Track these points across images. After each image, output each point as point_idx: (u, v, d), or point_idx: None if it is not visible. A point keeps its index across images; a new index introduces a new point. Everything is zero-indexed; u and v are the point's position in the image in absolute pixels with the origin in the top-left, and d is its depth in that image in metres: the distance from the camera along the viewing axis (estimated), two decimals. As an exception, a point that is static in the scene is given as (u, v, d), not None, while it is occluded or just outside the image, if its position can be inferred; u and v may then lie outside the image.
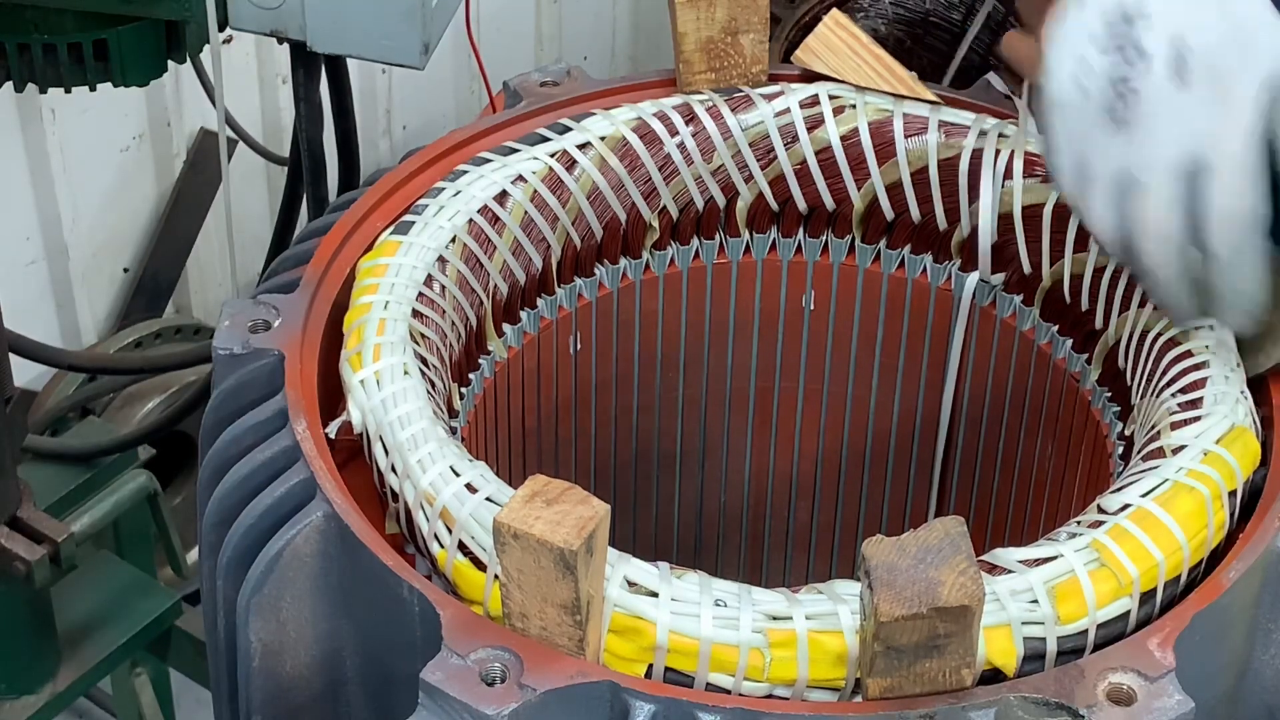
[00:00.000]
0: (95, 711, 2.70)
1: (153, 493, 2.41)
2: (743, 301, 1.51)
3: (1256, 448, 1.19)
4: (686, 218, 1.45)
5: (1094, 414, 1.37)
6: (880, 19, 2.46)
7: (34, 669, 2.20)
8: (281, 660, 1.17)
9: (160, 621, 2.31)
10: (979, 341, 1.47)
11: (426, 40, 1.65)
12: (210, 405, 1.25)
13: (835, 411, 1.58)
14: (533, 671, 1.03)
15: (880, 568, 0.99)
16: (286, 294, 1.28)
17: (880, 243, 1.47)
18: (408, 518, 1.16)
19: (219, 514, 1.19)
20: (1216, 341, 1.25)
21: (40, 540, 2.02)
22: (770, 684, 1.06)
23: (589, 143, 1.39)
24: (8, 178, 2.67)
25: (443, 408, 1.24)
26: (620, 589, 1.07)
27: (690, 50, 1.43)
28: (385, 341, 1.22)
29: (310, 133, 1.82)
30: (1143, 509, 1.12)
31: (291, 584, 1.15)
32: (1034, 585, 1.08)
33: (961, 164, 1.40)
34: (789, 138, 1.42)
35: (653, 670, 1.06)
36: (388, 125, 3.26)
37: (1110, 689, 1.04)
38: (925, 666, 1.01)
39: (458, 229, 1.32)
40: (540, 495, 1.03)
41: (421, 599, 1.08)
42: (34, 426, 2.59)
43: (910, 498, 1.60)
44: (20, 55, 1.81)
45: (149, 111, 2.85)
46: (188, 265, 3.00)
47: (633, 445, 1.58)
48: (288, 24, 1.67)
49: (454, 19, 1.73)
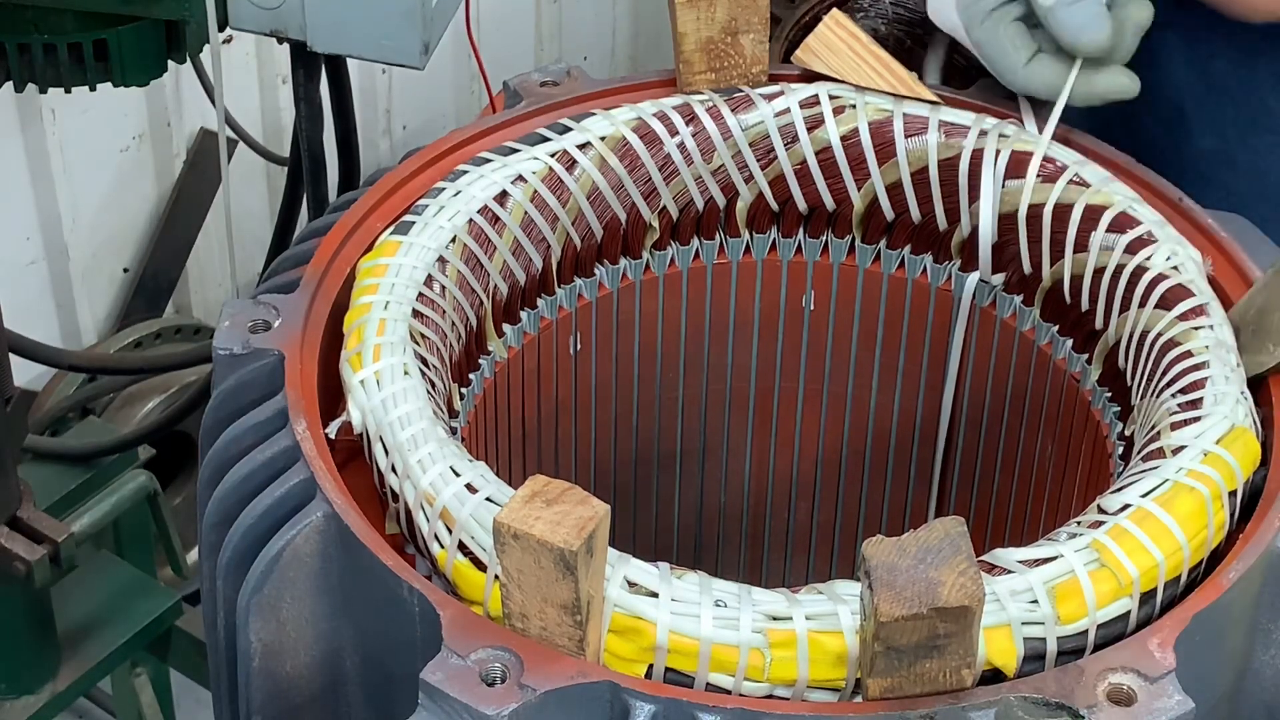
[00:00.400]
0: (95, 711, 2.70)
1: (153, 493, 2.41)
2: (743, 302, 1.51)
3: (1256, 448, 1.19)
4: (686, 218, 1.45)
5: (1094, 414, 1.37)
6: (880, 19, 2.46)
7: (34, 669, 2.20)
8: (281, 660, 1.17)
9: (160, 621, 2.30)
10: (979, 342, 1.47)
11: (426, 40, 1.65)
12: (210, 405, 1.25)
13: (835, 412, 1.58)
14: (533, 672, 1.04)
15: (880, 568, 0.99)
16: (286, 294, 1.28)
17: (880, 243, 1.47)
18: (408, 518, 1.16)
19: (219, 514, 1.19)
20: (1216, 342, 1.25)
21: (40, 540, 2.02)
22: (770, 684, 1.06)
23: (589, 143, 1.39)
24: (8, 178, 2.68)
25: (443, 408, 1.24)
26: (620, 589, 1.07)
27: (690, 50, 1.42)
28: (385, 342, 1.22)
29: (310, 133, 1.82)
30: (1143, 509, 1.12)
31: (291, 584, 1.15)
32: (1034, 585, 1.08)
33: (961, 164, 1.40)
34: (789, 138, 1.42)
35: (653, 670, 1.06)
36: (388, 125, 3.26)
37: (1110, 689, 1.04)
38: (925, 667, 1.01)
39: (458, 229, 1.32)
40: (540, 495, 1.03)
41: (422, 599, 1.08)
42: (34, 426, 2.59)
43: (910, 498, 1.60)
44: (20, 55, 1.80)
45: (149, 111, 2.85)
46: (188, 265, 3.00)
47: (632, 445, 1.58)
48: (288, 24, 1.67)
49: (454, 19, 1.73)
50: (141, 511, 2.41)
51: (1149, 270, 1.30)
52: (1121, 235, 1.32)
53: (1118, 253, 1.32)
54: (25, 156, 2.69)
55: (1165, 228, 1.33)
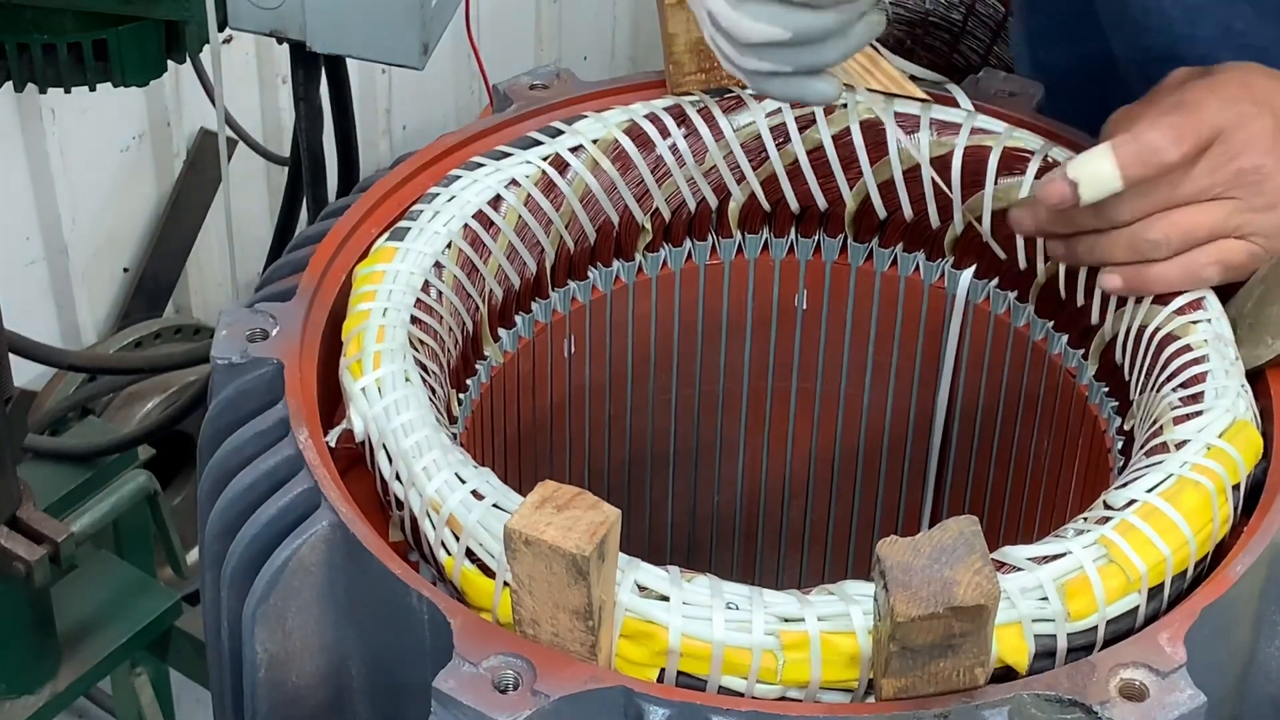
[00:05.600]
0: (95, 711, 2.70)
1: (153, 493, 2.41)
2: (736, 302, 1.51)
3: (1259, 441, 1.19)
4: (679, 219, 1.45)
5: (1091, 410, 1.38)
6: (880, 19, 2.45)
7: (34, 669, 2.20)
8: (287, 670, 1.17)
9: (160, 621, 2.30)
10: (973, 338, 1.47)
11: (426, 40, 1.65)
12: (209, 415, 1.25)
13: (829, 411, 1.58)
14: (545, 678, 1.03)
15: (895, 568, 0.99)
16: (283, 302, 1.28)
17: (873, 241, 1.47)
18: (413, 525, 1.15)
19: (222, 524, 1.19)
20: (1214, 335, 1.25)
21: (40, 540, 2.01)
22: (783, 686, 1.06)
23: (581, 145, 1.39)
24: (8, 178, 2.67)
25: (443, 414, 1.23)
26: (631, 593, 1.06)
27: (680, 51, 1.42)
28: (385, 349, 1.22)
29: (310, 133, 1.81)
30: (1149, 504, 1.12)
31: (297, 594, 1.15)
32: (1044, 582, 1.08)
33: (954, 161, 1.40)
34: (780, 138, 1.42)
35: (665, 674, 1.06)
36: (387, 125, 3.25)
37: (1122, 685, 1.04)
38: (939, 666, 1.01)
39: (453, 234, 1.32)
40: (550, 501, 1.03)
41: (431, 607, 1.08)
42: (34, 426, 2.58)
43: (905, 497, 1.60)
44: (20, 55, 1.80)
45: (149, 111, 2.85)
46: (188, 265, 3.00)
47: (626, 447, 1.57)
48: (288, 24, 1.67)
49: (454, 19, 1.72)
50: (141, 511, 2.41)
51: (1145, 265, 1.30)
52: (1117, 231, 1.32)
53: (1113, 248, 1.32)
54: (25, 156, 2.69)
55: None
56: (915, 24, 2.05)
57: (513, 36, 3.38)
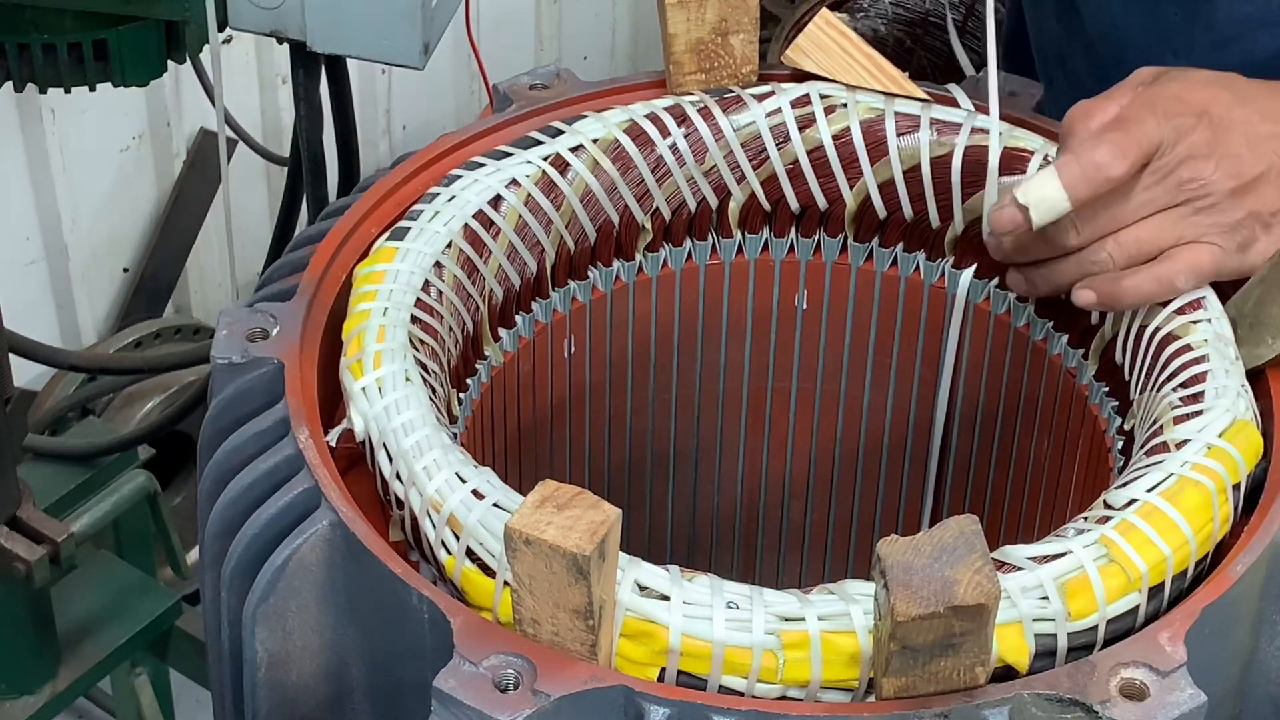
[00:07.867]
0: (95, 711, 2.70)
1: (153, 493, 2.41)
2: (736, 302, 1.51)
3: (1259, 441, 1.19)
4: (679, 219, 1.45)
5: (1091, 409, 1.38)
6: (880, 19, 2.46)
7: (34, 669, 2.20)
8: (288, 670, 1.17)
9: (160, 621, 2.31)
10: (973, 338, 1.47)
11: (426, 40, 1.65)
12: (209, 415, 1.25)
13: (829, 411, 1.58)
14: (546, 677, 1.03)
15: (896, 567, 0.99)
16: (283, 302, 1.28)
17: (873, 241, 1.47)
18: (413, 525, 1.15)
19: (222, 524, 1.19)
20: (1215, 335, 1.25)
21: (40, 540, 2.02)
22: (784, 685, 1.06)
23: (581, 145, 1.39)
24: (8, 178, 2.67)
25: (444, 414, 1.23)
26: (631, 593, 1.06)
27: (680, 51, 1.42)
28: (385, 348, 1.22)
29: (310, 133, 1.81)
30: (1149, 504, 1.12)
31: (297, 594, 1.15)
32: (1044, 582, 1.08)
33: (954, 161, 1.40)
34: (781, 138, 1.42)
35: (665, 674, 1.06)
36: (387, 125, 3.26)
37: (1123, 684, 1.04)
38: (940, 665, 1.01)
39: (453, 234, 1.32)
40: (550, 500, 1.03)
41: (431, 606, 1.08)
42: (34, 426, 2.59)
43: (905, 496, 1.60)
44: (20, 55, 1.80)
45: (149, 111, 2.86)
46: (188, 265, 3.01)
47: (626, 447, 1.57)
48: (288, 24, 1.67)
49: (454, 19, 1.72)
50: (141, 511, 2.42)
51: (1145, 265, 1.30)
52: (1117, 230, 1.33)
53: (1113, 248, 1.32)
54: (25, 156, 2.69)
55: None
56: (915, 24, 2.05)
57: (513, 36, 3.39)
